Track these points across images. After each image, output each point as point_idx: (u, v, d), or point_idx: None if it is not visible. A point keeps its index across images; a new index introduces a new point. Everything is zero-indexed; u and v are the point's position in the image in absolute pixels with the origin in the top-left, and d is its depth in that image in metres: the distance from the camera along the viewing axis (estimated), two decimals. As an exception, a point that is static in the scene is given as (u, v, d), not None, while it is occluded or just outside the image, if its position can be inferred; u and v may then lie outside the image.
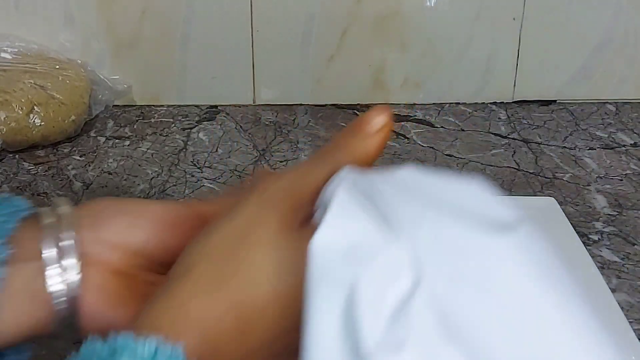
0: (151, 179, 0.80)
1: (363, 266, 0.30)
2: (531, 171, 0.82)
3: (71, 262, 0.36)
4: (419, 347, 0.29)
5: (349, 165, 0.35)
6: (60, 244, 0.36)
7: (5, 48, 0.87)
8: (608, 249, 0.68)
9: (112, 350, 0.30)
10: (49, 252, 0.36)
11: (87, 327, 0.36)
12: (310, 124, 0.92)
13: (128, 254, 0.38)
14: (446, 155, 0.85)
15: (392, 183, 0.33)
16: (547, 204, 0.70)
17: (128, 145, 0.87)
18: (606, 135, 0.89)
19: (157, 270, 0.38)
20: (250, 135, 0.89)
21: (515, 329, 0.29)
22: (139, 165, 0.82)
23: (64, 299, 0.36)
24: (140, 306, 0.34)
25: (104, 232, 0.37)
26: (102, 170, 0.81)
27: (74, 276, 0.36)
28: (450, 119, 0.93)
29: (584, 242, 0.66)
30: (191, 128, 0.91)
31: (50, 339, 0.37)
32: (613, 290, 0.61)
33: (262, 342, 0.33)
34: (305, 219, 0.34)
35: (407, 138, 0.88)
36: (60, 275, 0.36)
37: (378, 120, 0.37)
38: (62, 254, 0.36)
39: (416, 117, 0.93)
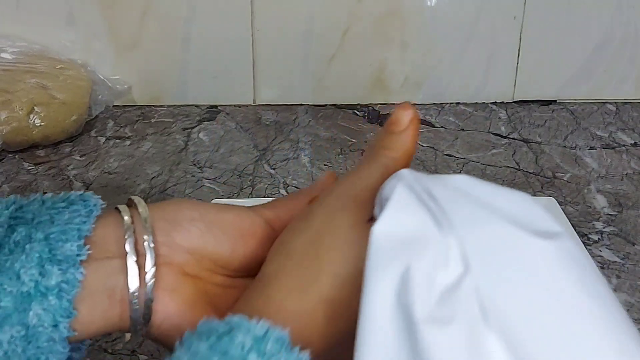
0: (152, 179, 0.80)
1: (418, 252, 0.33)
2: (531, 171, 0.82)
3: (149, 263, 0.38)
4: (464, 326, 0.31)
5: (405, 169, 0.38)
6: (139, 245, 0.38)
7: (7, 48, 0.87)
8: (608, 248, 0.68)
9: (229, 327, 0.33)
10: (129, 253, 0.37)
11: (158, 326, 0.38)
12: (310, 123, 0.92)
13: (199, 258, 0.40)
14: (446, 155, 0.85)
15: (446, 186, 0.36)
16: (547, 204, 0.70)
17: (129, 145, 0.87)
18: (606, 135, 0.89)
19: (223, 274, 0.41)
20: (251, 135, 0.89)
21: (552, 326, 0.31)
22: (140, 165, 0.83)
23: (141, 298, 0.37)
24: (208, 308, 0.38)
25: (178, 237, 0.39)
26: (103, 170, 0.81)
27: (151, 277, 0.38)
28: (450, 118, 0.93)
29: (584, 242, 0.66)
30: (192, 128, 0.91)
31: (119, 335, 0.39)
32: (613, 290, 0.61)
33: (347, 333, 0.35)
34: (370, 216, 0.38)
35: (408, 138, 0.88)
36: (139, 275, 0.37)
37: (405, 116, 0.42)
38: (141, 255, 0.38)
39: (416, 117, 0.93)
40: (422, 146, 0.87)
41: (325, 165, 0.83)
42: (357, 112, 0.95)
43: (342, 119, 0.93)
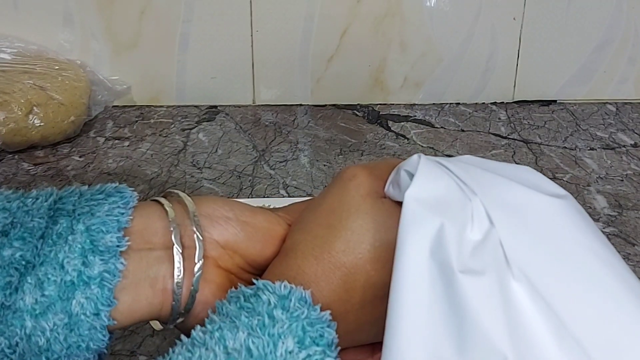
0: (151, 180, 0.79)
1: (448, 212, 0.36)
2: (531, 171, 0.81)
3: (198, 255, 0.39)
4: (494, 275, 0.34)
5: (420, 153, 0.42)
6: (184, 238, 0.39)
7: (5, 49, 0.87)
8: (608, 249, 0.68)
9: (256, 288, 0.37)
10: (176, 245, 0.39)
11: (196, 316, 0.40)
12: (310, 124, 0.92)
13: (231, 254, 0.41)
14: (446, 155, 0.84)
15: (460, 162, 0.40)
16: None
17: (127, 145, 0.87)
18: (606, 136, 0.89)
19: (251, 272, 0.42)
20: (250, 136, 0.89)
21: (570, 271, 0.35)
22: (139, 166, 0.82)
23: (185, 288, 0.39)
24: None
25: (215, 233, 0.41)
26: (102, 171, 0.81)
27: (198, 268, 0.39)
28: (450, 119, 0.93)
29: (584, 243, 0.66)
30: (191, 128, 0.91)
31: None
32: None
33: (364, 299, 0.39)
34: (382, 192, 0.40)
35: (407, 138, 0.88)
36: (185, 267, 0.39)
37: None
38: (186, 248, 0.39)
39: (416, 118, 0.93)
40: (422, 146, 0.86)
41: (324, 165, 0.82)
42: (357, 113, 0.94)
43: (341, 119, 0.93)
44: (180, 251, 0.39)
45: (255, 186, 0.79)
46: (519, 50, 0.94)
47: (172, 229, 0.39)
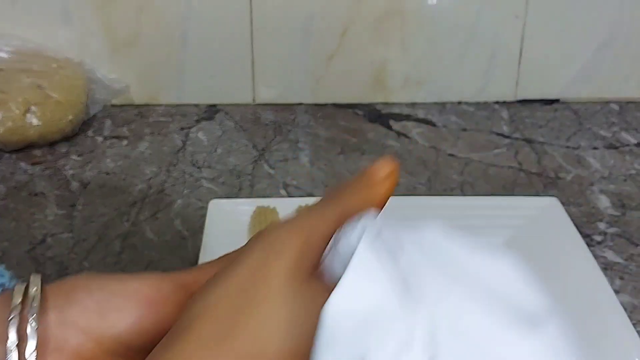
0: (149, 179, 0.79)
1: (376, 338, 0.29)
2: (534, 171, 0.81)
3: (29, 349, 0.33)
4: None
5: (372, 210, 0.34)
6: (24, 327, 0.33)
7: (2, 47, 0.87)
8: (611, 249, 0.68)
9: None
10: (10, 337, 0.33)
11: None
12: (310, 123, 0.91)
13: (97, 338, 0.34)
14: (448, 155, 0.84)
15: (419, 243, 0.32)
16: (550, 205, 0.69)
17: (126, 145, 0.86)
18: (610, 135, 0.89)
19: (134, 357, 0.35)
20: (250, 135, 0.88)
21: None
22: (137, 165, 0.82)
23: None
24: None
25: (73, 313, 0.34)
26: (100, 170, 0.81)
27: None
28: (452, 118, 0.93)
29: (587, 243, 0.65)
30: (190, 127, 0.90)
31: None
32: (616, 292, 0.60)
33: None
34: (315, 266, 0.33)
35: (409, 137, 0.88)
36: None
37: (385, 169, 0.36)
38: (23, 339, 0.33)
39: (418, 117, 0.93)
40: (424, 146, 0.86)
41: (325, 164, 0.82)
42: (357, 112, 0.94)
43: (342, 118, 0.92)
44: (16, 344, 0.32)
45: (255, 185, 0.78)
46: (521, 49, 0.94)
47: (11, 317, 0.33)
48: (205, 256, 0.61)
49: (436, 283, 0.30)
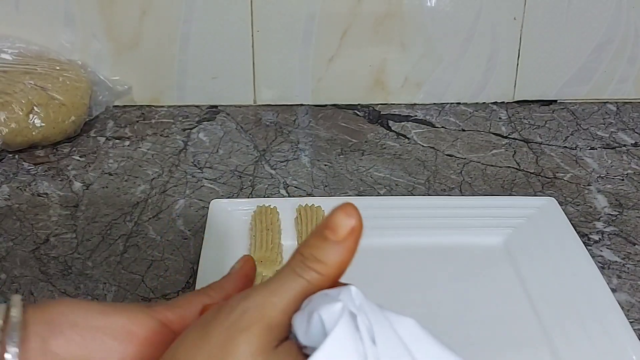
0: (152, 180, 0.79)
1: None
2: (532, 171, 0.81)
3: None
4: None
5: (352, 287, 0.33)
6: (1, 353, 0.32)
7: (6, 49, 0.87)
8: (609, 249, 0.68)
9: None
10: None
11: None
12: (310, 124, 0.92)
13: None
14: (447, 155, 0.84)
15: (392, 335, 0.32)
16: (548, 204, 0.69)
17: (128, 145, 0.87)
18: (607, 135, 0.89)
19: None
20: (251, 136, 0.89)
21: None
22: (140, 166, 0.82)
23: None
24: None
25: (56, 345, 0.33)
26: (103, 171, 0.81)
27: None
28: (450, 118, 0.93)
29: (584, 242, 0.66)
30: (191, 128, 0.91)
31: None
32: (614, 290, 0.61)
33: None
34: (281, 339, 0.33)
35: (408, 138, 0.88)
36: None
37: (347, 223, 0.33)
38: None
39: (417, 117, 0.93)
40: (423, 146, 0.86)
41: (325, 165, 0.82)
42: (358, 112, 0.94)
43: (342, 119, 0.93)
44: None
45: (256, 186, 0.79)
46: (519, 50, 0.94)
47: None
48: (206, 255, 0.62)
49: None
